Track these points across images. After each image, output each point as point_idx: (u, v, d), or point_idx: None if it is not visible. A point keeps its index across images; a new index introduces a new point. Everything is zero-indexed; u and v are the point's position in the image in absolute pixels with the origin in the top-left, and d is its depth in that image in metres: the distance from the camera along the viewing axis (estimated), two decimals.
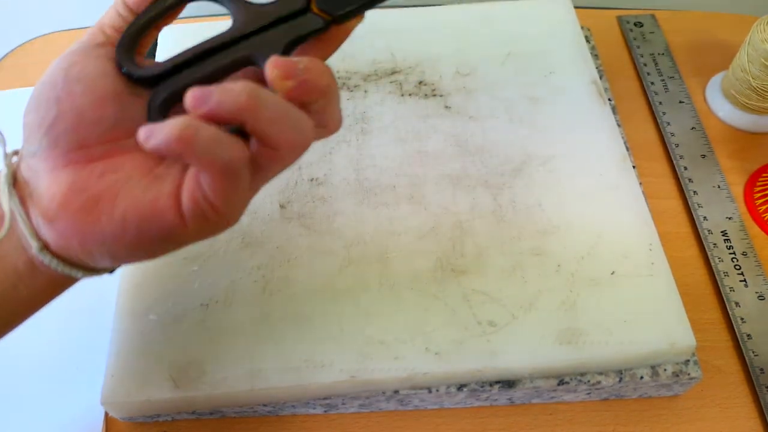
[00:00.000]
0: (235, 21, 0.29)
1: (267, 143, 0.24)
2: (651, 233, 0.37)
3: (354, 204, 0.39)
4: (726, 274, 0.41)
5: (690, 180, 0.45)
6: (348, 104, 0.43)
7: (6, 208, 0.25)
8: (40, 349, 0.38)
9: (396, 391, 0.34)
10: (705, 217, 0.44)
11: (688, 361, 0.35)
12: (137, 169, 0.25)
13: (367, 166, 0.40)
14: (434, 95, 0.44)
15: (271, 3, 0.29)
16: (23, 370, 0.38)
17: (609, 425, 0.36)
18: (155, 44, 0.47)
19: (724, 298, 0.40)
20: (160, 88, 0.28)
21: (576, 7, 0.49)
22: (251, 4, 0.29)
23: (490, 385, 0.34)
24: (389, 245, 0.37)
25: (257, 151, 0.24)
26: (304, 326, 0.34)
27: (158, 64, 0.28)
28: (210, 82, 0.26)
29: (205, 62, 0.28)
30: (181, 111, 0.24)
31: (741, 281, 0.41)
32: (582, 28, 0.48)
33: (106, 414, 0.36)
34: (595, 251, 0.37)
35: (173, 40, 0.47)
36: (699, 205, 0.44)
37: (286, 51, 0.29)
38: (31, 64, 0.53)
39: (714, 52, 0.54)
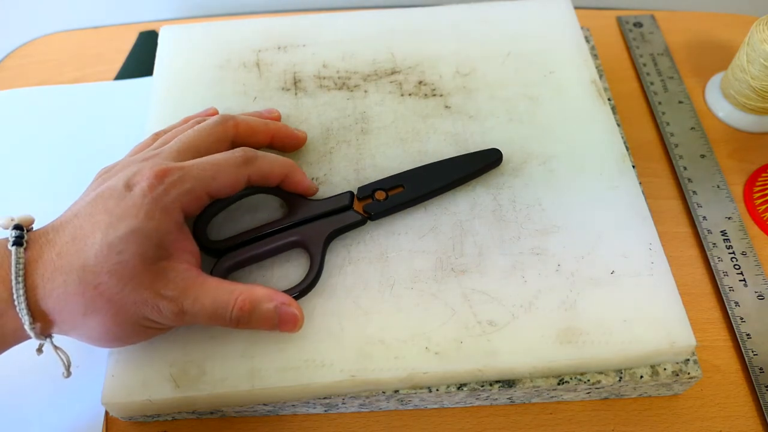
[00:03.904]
0: (290, 209, 0.37)
1: None
2: (650, 233, 0.37)
3: None
4: (725, 273, 0.41)
5: (689, 180, 0.45)
6: (348, 104, 0.43)
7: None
8: (44, 350, 0.38)
9: (396, 391, 0.34)
10: (704, 217, 0.44)
11: (688, 360, 0.35)
12: None
13: (367, 166, 0.40)
14: (434, 95, 0.44)
15: (322, 200, 0.37)
16: (24, 369, 0.37)
17: (609, 425, 0.36)
18: (155, 44, 0.47)
19: (724, 298, 0.40)
20: (224, 259, 0.35)
21: (576, 7, 0.49)
22: (305, 199, 0.37)
23: (490, 384, 0.34)
24: (389, 245, 0.37)
25: None
26: (304, 326, 0.34)
27: (225, 240, 0.36)
28: (265, 259, 0.36)
29: (262, 242, 0.36)
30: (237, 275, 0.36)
31: (740, 281, 0.41)
32: (582, 28, 0.48)
33: (107, 413, 0.36)
34: (595, 251, 0.37)
35: (173, 40, 0.47)
36: (698, 205, 0.44)
37: (329, 239, 0.36)
38: (31, 64, 0.53)
39: (713, 53, 0.54)
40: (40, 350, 0.31)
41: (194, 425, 0.36)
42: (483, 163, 0.39)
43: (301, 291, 0.35)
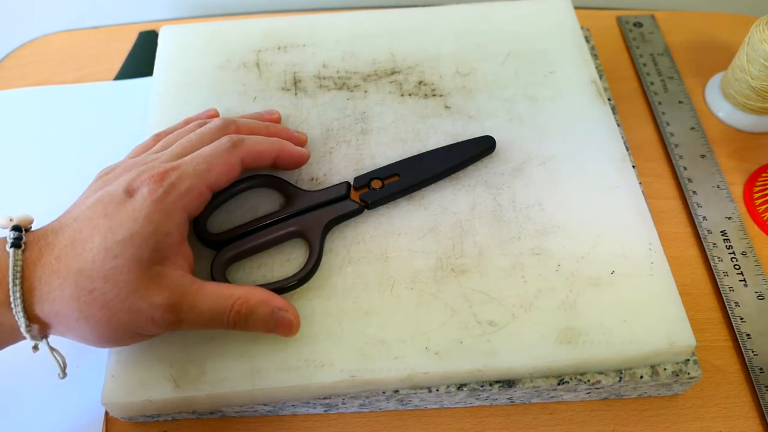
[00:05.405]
0: (288, 201, 0.38)
1: None
2: (651, 233, 0.37)
3: None
4: (725, 273, 0.41)
5: (689, 180, 0.45)
6: (348, 104, 0.43)
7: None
8: (41, 349, 0.38)
9: (396, 391, 0.34)
10: (704, 217, 0.44)
11: (688, 360, 0.35)
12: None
13: (368, 166, 0.40)
14: (434, 95, 0.44)
15: (320, 190, 0.38)
16: (24, 369, 0.37)
17: (609, 425, 0.36)
18: (155, 44, 0.47)
19: (724, 298, 0.40)
20: (224, 251, 0.35)
21: (576, 7, 0.49)
22: (303, 190, 0.38)
23: (490, 384, 0.34)
24: (389, 245, 0.37)
25: None
26: (304, 326, 0.34)
27: (225, 232, 0.36)
28: (264, 249, 0.36)
29: (261, 233, 0.36)
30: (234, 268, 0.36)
31: (740, 281, 0.41)
32: (582, 28, 0.48)
33: (107, 413, 0.36)
34: (595, 251, 0.37)
35: (173, 40, 0.47)
36: (698, 205, 0.44)
37: (327, 228, 0.37)
38: (31, 64, 0.53)
39: (713, 53, 0.54)
40: (36, 348, 0.31)
41: (194, 425, 0.36)
42: (477, 150, 0.40)
43: (300, 279, 0.35)
